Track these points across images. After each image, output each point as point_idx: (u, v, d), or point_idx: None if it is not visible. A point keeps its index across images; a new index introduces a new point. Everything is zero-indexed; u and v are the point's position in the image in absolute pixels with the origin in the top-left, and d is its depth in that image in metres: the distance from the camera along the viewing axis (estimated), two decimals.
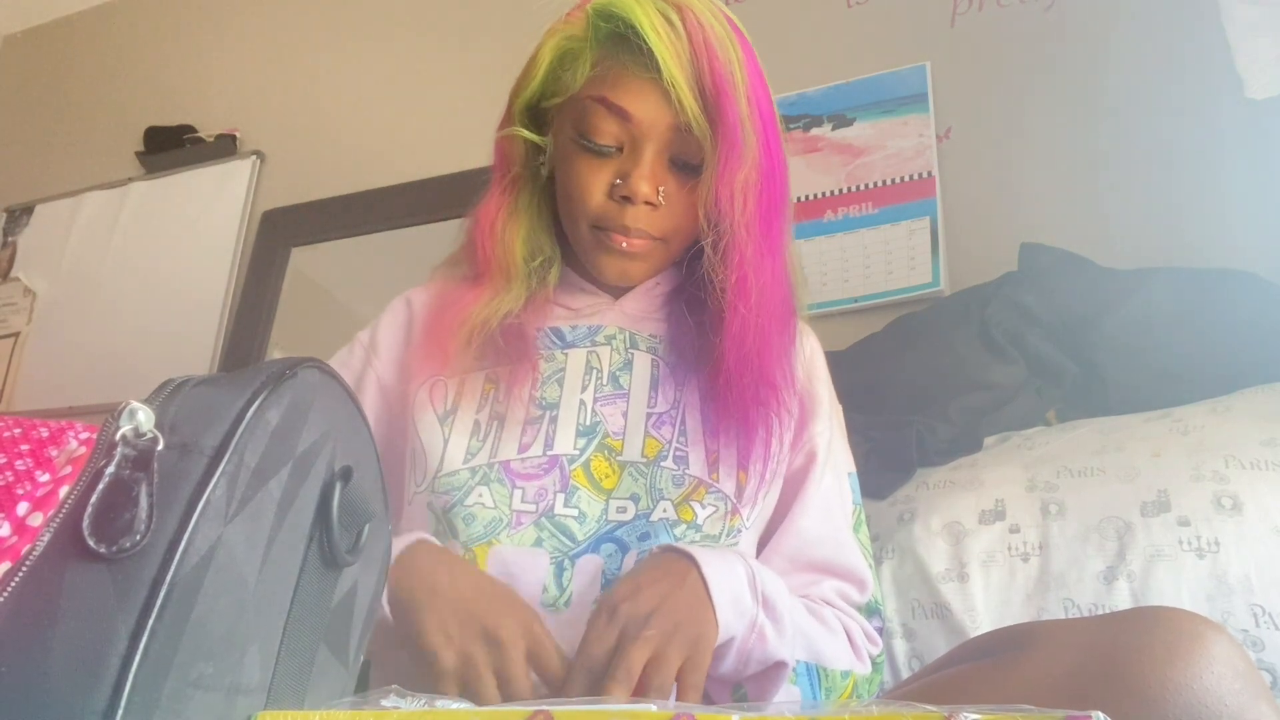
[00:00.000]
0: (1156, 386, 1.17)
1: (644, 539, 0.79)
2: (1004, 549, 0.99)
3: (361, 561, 0.56)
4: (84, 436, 0.45)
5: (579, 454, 0.83)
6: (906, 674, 0.98)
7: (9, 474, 0.42)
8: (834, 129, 1.68)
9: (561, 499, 0.80)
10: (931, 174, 1.58)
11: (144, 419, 0.44)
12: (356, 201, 2.07)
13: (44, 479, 0.43)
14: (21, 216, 2.46)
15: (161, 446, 0.44)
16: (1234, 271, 1.24)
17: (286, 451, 0.49)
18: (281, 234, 2.13)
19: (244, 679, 0.45)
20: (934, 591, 1.00)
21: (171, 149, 2.31)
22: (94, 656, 0.38)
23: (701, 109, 0.80)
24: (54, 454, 0.44)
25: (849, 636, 0.84)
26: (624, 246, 0.84)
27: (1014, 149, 1.55)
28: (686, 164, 0.83)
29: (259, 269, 2.11)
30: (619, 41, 0.82)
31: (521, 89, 0.88)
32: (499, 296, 0.87)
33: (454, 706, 0.45)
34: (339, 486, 0.52)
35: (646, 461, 0.83)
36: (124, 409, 0.44)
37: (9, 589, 0.39)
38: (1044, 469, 1.05)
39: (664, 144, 0.82)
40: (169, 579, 0.40)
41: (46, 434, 0.45)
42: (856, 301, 1.56)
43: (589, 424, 0.84)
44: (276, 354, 2.04)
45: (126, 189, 2.34)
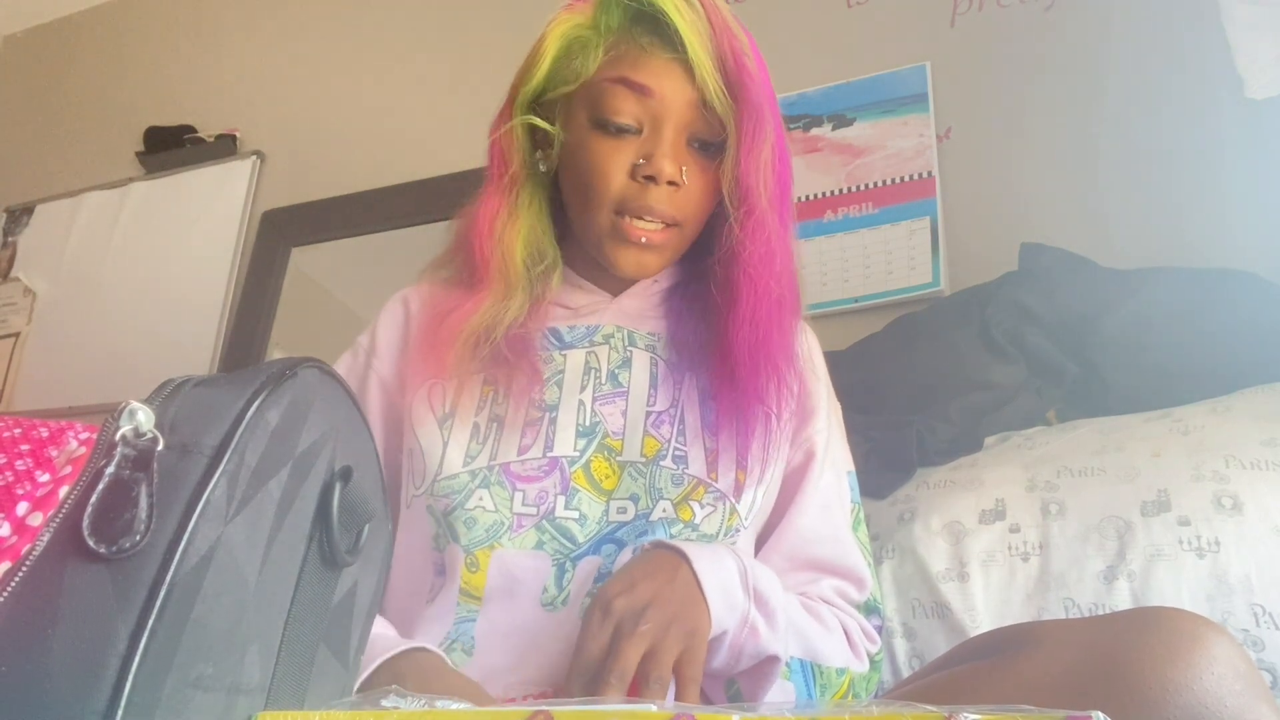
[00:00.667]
0: (1156, 386, 1.17)
1: (642, 537, 0.79)
2: (1004, 549, 0.99)
3: (361, 561, 0.56)
4: (84, 436, 0.45)
5: (579, 455, 0.83)
6: (907, 673, 0.98)
7: (9, 474, 0.42)
8: (834, 129, 1.68)
9: (562, 501, 0.80)
10: (931, 174, 1.58)
11: (144, 419, 0.44)
12: (356, 201, 2.07)
13: (44, 479, 0.43)
14: (21, 216, 2.46)
15: (161, 446, 0.44)
16: (1234, 271, 1.23)
17: (286, 451, 0.49)
18: (281, 234, 2.13)
19: (244, 679, 0.45)
20: (934, 591, 1.00)
21: (171, 149, 2.31)
22: (94, 656, 0.38)
23: (724, 86, 0.81)
24: (54, 454, 0.44)
25: (846, 634, 0.84)
26: (644, 241, 0.84)
27: (1014, 149, 1.55)
28: (706, 143, 0.84)
29: (259, 269, 2.11)
30: (636, 23, 0.83)
31: (525, 80, 0.88)
32: (501, 304, 0.86)
33: (454, 707, 0.44)
34: (339, 486, 0.52)
35: (646, 461, 0.82)
36: (124, 409, 0.44)
37: (9, 589, 0.39)
38: (1044, 469, 1.05)
39: (684, 123, 0.83)
40: (169, 579, 0.41)
41: (46, 434, 0.45)
42: (856, 301, 1.56)
43: (588, 424, 0.84)
44: (276, 354, 2.04)
45: (126, 189, 2.34)
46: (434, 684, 0.68)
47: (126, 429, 0.43)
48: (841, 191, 1.64)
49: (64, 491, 0.42)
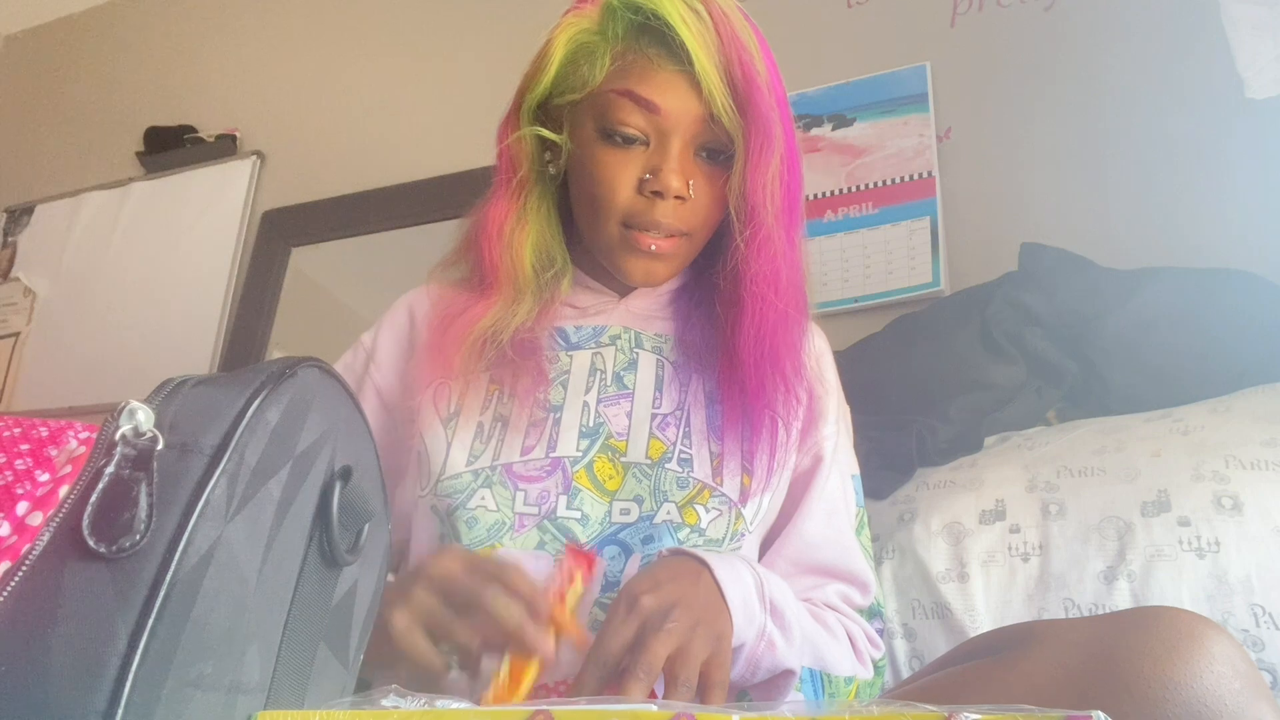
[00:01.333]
0: (1156, 386, 1.17)
1: (648, 542, 0.79)
2: (1004, 549, 0.99)
3: (361, 561, 0.56)
4: (84, 436, 0.44)
5: (582, 455, 0.82)
6: (907, 674, 0.98)
7: (9, 474, 0.42)
8: (834, 129, 1.68)
9: (564, 501, 0.80)
10: (931, 174, 1.58)
11: (144, 419, 0.44)
12: (356, 201, 2.07)
13: (44, 478, 0.43)
14: (21, 216, 2.46)
15: (161, 446, 0.44)
16: (1234, 271, 1.23)
17: (286, 451, 0.49)
18: (281, 234, 2.13)
19: (244, 679, 0.45)
20: (934, 591, 1.00)
21: (171, 149, 2.31)
22: (94, 656, 0.38)
23: (732, 100, 0.79)
24: (54, 453, 0.44)
25: (851, 641, 0.84)
26: (652, 249, 0.83)
27: (1014, 149, 1.55)
28: (713, 155, 0.83)
29: (259, 269, 2.11)
30: (642, 33, 0.80)
31: (532, 86, 0.86)
32: (510, 308, 0.85)
33: (454, 706, 0.44)
34: (339, 486, 0.52)
35: (650, 463, 0.82)
36: (124, 409, 0.44)
37: (9, 589, 0.39)
38: (1044, 469, 1.05)
39: (691, 136, 0.82)
40: (169, 579, 0.40)
41: (46, 434, 0.45)
42: (856, 301, 1.56)
43: (592, 425, 0.84)
44: (276, 354, 2.04)
45: (126, 189, 2.34)
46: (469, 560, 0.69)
47: (126, 428, 0.43)
48: (841, 191, 1.64)
49: (64, 491, 0.42)
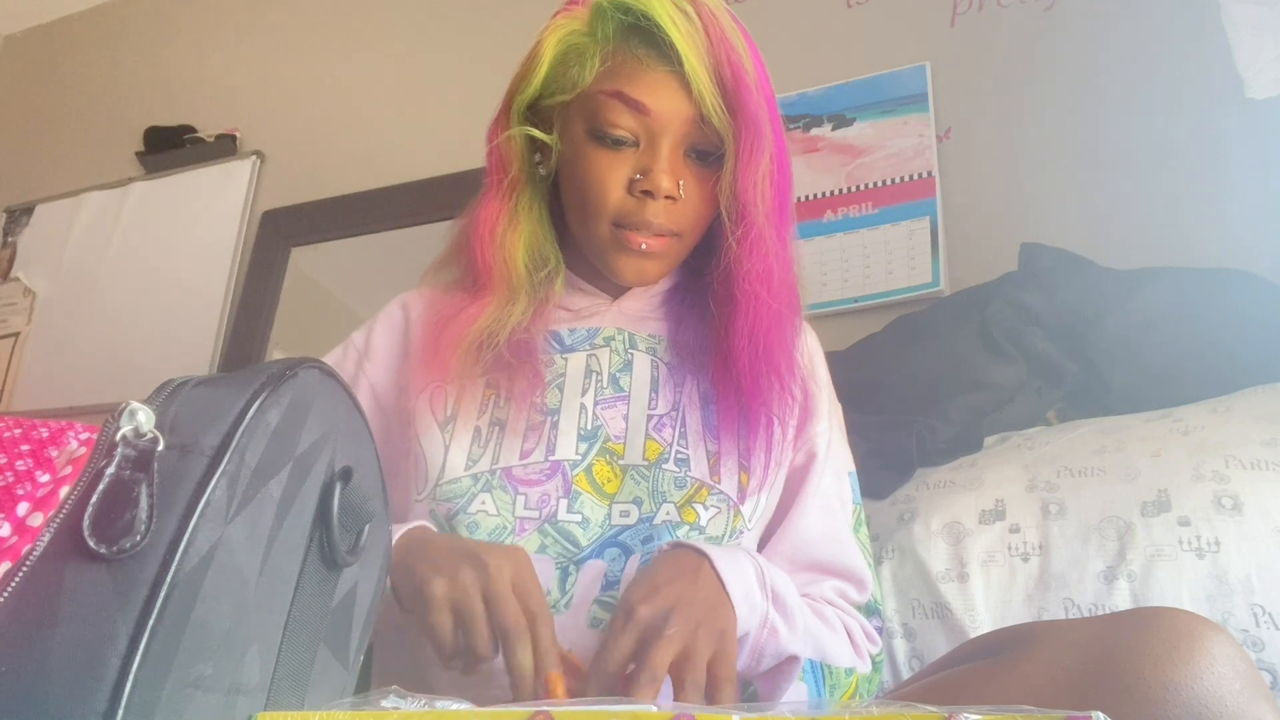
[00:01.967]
0: (1156, 386, 1.17)
1: (648, 542, 0.79)
2: (1004, 549, 0.99)
3: (361, 562, 0.56)
4: (84, 437, 0.44)
5: (581, 459, 0.82)
6: (907, 674, 0.98)
7: (9, 474, 0.42)
8: (834, 129, 1.68)
9: (564, 504, 0.80)
10: (931, 174, 1.58)
11: (144, 419, 0.44)
12: (356, 201, 2.07)
13: (44, 479, 0.43)
14: (21, 216, 2.46)
15: (161, 447, 0.44)
16: (1234, 271, 1.23)
17: (286, 452, 0.49)
18: (281, 234, 2.13)
19: (244, 679, 0.45)
20: (934, 591, 1.00)
21: (171, 149, 2.31)
22: (94, 656, 0.38)
23: (721, 100, 0.79)
24: (54, 454, 0.44)
25: (849, 635, 0.84)
26: (643, 248, 0.83)
27: (1014, 149, 1.55)
28: (703, 155, 0.83)
29: (259, 269, 2.11)
30: (631, 34, 0.80)
31: (521, 87, 0.86)
32: (504, 309, 0.85)
33: (454, 707, 0.44)
34: (339, 487, 0.52)
35: (648, 464, 0.82)
36: (124, 409, 0.44)
37: (9, 589, 0.39)
38: (1044, 469, 1.05)
39: (681, 136, 0.82)
40: (169, 579, 0.40)
41: (46, 434, 0.45)
42: (856, 301, 1.56)
43: (590, 428, 0.84)
44: (276, 354, 2.04)
45: (126, 189, 2.34)
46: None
47: (127, 429, 0.43)
48: (841, 191, 1.64)
49: (64, 492, 0.42)
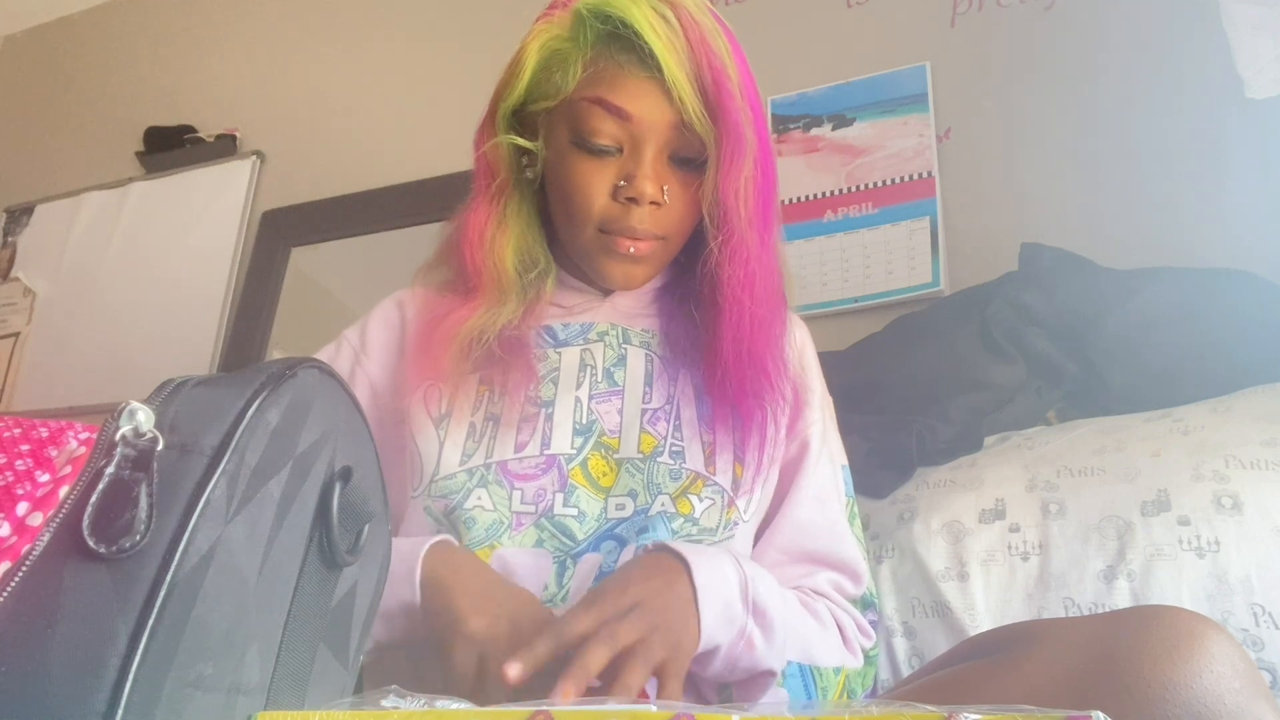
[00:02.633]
0: (1156, 386, 1.17)
1: (642, 533, 0.79)
2: (1004, 548, 0.99)
3: (361, 562, 0.56)
4: (84, 436, 0.44)
5: (576, 453, 0.83)
6: (907, 673, 0.98)
7: (9, 474, 0.42)
8: (834, 129, 1.68)
9: (560, 499, 0.80)
10: (931, 174, 1.58)
11: (144, 419, 0.44)
12: (356, 201, 2.07)
13: (44, 479, 0.43)
14: (21, 216, 2.46)
15: (161, 446, 0.44)
16: (1234, 271, 1.23)
17: (286, 451, 0.49)
18: (281, 234, 2.13)
19: (244, 679, 0.45)
20: (934, 590, 1.00)
21: (171, 149, 2.31)
22: (94, 656, 0.38)
23: (703, 106, 0.79)
24: (54, 454, 0.44)
25: (841, 630, 0.84)
26: (630, 251, 0.84)
27: (1014, 149, 1.55)
28: (687, 160, 0.83)
29: (259, 269, 2.11)
30: (613, 41, 0.80)
31: (506, 93, 0.86)
32: (495, 310, 0.86)
33: (454, 707, 0.44)
34: (339, 486, 0.52)
35: (643, 457, 0.83)
36: (124, 409, 0.44)
37: (9, 589, 0.39)
38: (1044, 468, 1.05)
39: (664, 142, 0.82)
40: (169, 579, 0.40)
41: (46, 434, 0.45)
42: (856, 301, 1.56)
43: (585, 422, 0.84)
44: (276, 354, 2.04)
45: (126, 189, 2.34)
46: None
47: (126, 429, 0.43)
48: (841, 191, 1.64)
49: (64, 491, 0.42)
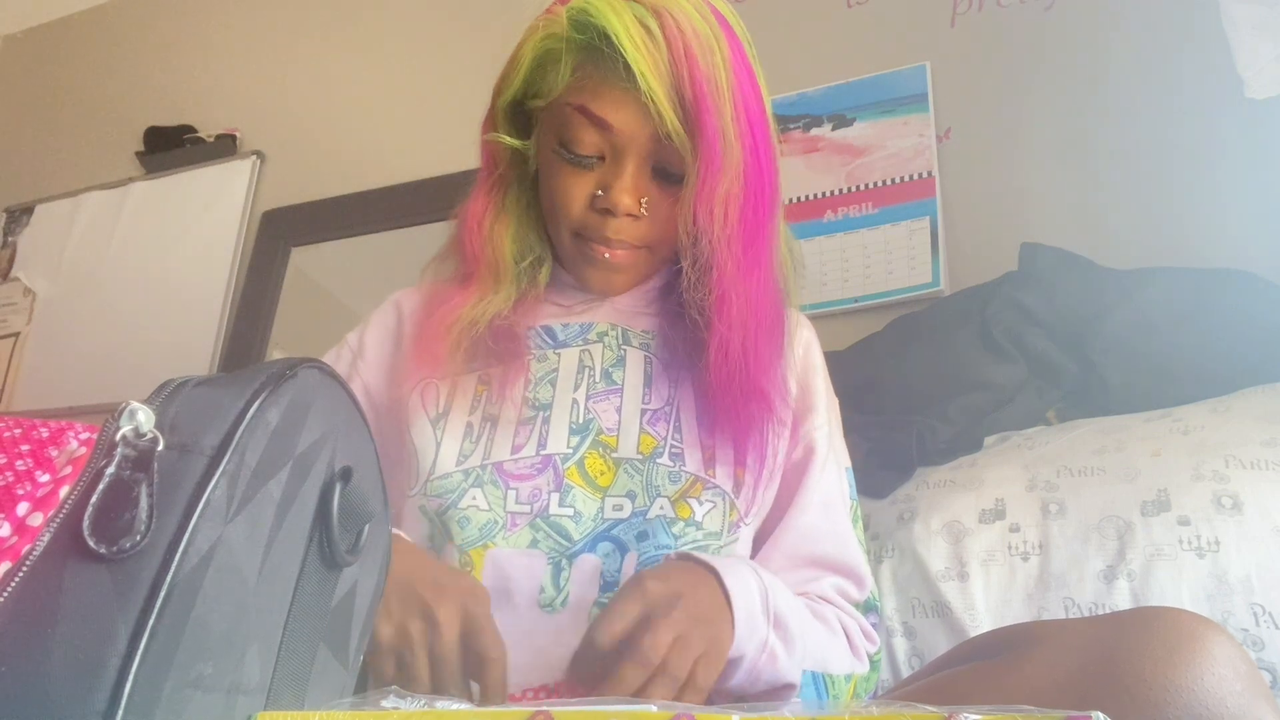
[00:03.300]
0: (1156, 386, 1.17)
1: (642, 538, 0.79)
2: (1004, 548, 0.99)
3: (361, 562, 0.56)
4: (84, 437, 0.44)
5: (572, 452, 0.82)
6: (907, 673, 0.98)
7: (9, 474, 0.42)
8: (834, 129, 1.68)
9: (556, 499, 0.80)
10: (931, 174, 1.58)
11: (144, 419, 0.44)
12: (356, 201, 2.07)
13: (44, 479, 0.43)
14: (21, 216, 2.46)
15: (161, 447, 0.44)
16: (1234, 271, 1.24)
17: (286, 451, 0.49)
18: (281, 234, 2.13)
19: (244, 679, 0.45)
20: (934, 590, 1.00)
21: (171, 149, 2.31)
22: (94, 656, 0.38)
23: (681, 120, 0.78)
24: (54, 454, 0.44)
25: (848, 636, 0.83)
26: (606, 257, 0.84)
27: (1014, 149, 1.55)
28: (669, 173, 0.82)
29: (259, 269, 2.11)
30: (597, 49, 0.79)
31: (504, 89, 0.87)
32: (488, 297, 0.87)
33: (454, 707, 0.44)
34: (339, 487, 0.52)
35: (642, 458, 0.82)
36: (124, 409, 0.44)
37: (9, 589, 0.39)
38: (1044, 468, 1.05)
39: (645, 154, 0.81)
40: (169, 579, 0.40)
41: (46, 434, 0.45)
42: (856, 301, 1.56)
43: (581, 421, 0.84)
44: (276, 354, 2.03)
45: (126, 189, 2.34)
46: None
47: (126, 429, 0.43)
48: (841, 191, 1.64)
49: (64, 492, 0.42)
